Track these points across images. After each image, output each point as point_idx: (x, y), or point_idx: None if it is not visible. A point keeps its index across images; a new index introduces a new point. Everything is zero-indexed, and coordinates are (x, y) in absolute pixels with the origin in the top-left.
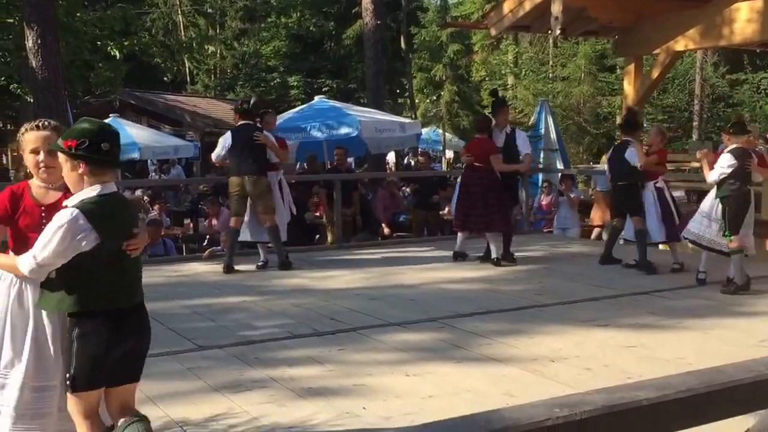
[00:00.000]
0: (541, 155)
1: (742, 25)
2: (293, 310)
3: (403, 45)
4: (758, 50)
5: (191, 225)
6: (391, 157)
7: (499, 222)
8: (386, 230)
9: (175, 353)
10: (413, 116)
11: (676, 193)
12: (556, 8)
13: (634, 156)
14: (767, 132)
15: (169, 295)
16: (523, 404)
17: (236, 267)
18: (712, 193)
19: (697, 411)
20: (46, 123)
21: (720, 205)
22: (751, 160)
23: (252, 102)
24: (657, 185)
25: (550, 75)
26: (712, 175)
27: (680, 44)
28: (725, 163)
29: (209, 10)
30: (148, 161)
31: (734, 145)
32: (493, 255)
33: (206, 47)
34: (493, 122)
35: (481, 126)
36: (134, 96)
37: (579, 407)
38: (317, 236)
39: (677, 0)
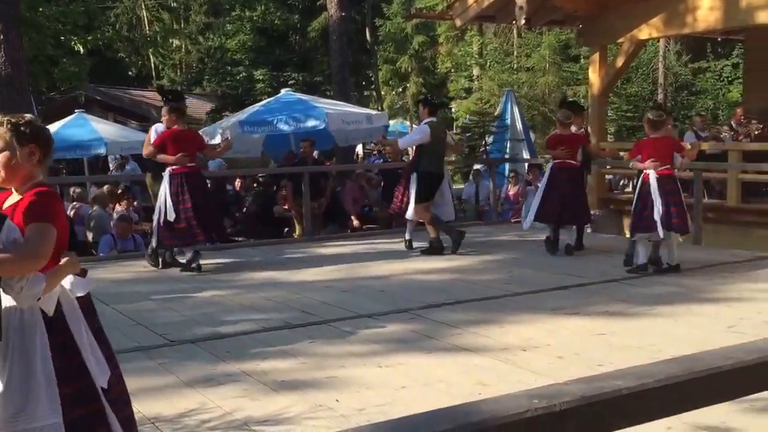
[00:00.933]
0: (508, 145)
1: (705, 12)
2: (264, 303)
3: (368, 37)
4: (719, 39)
5: None
6: (360, 149)
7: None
8: (355, 222)
9: (146, 348)
10: (380, 108)
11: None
12: None
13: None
14: (731, 119)
15: (139, 290)
16: (501, 396)
17: (206, 261)
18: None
19: (677, 399)
20: None
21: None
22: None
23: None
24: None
25: (515, 65)
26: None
27: (644, 33)
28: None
29: (173, 5)
30: (109, 157)
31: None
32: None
33: (171, 42)
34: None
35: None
36: (99, 92)
37: (558, 398)
38: (286, 229)
39: None
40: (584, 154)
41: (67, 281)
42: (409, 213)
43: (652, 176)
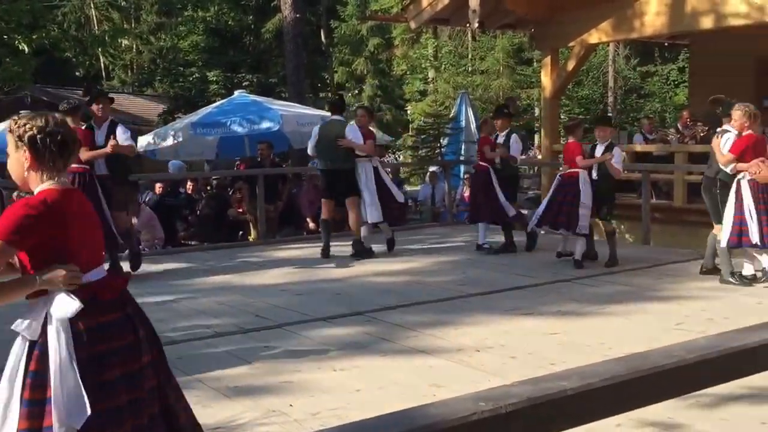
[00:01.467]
0: (462, 147)
1: (651, 17)
2: (217, 308)
3: (323, 39)
4: (666, 43)
5: None
6: None
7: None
8: (311, 225)
9: None
10: None
11: None
12: (474, 1)
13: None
14: (678, 122)
15: None
16: (448, 399)
17: (159, 266)
18: (589, 185)
19: (621, 398)
20: None
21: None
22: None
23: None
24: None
25: (470, 68)
26: (619, 167)
27: (594, 37)
28: (619, 157)
29: (123, 4)
30: None
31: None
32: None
33: (121, 41)
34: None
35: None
36: (46, 92)
37: (504, 400)
38: (241, 233)
39: None
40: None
41: (57, 301)
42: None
43: (557, 177)
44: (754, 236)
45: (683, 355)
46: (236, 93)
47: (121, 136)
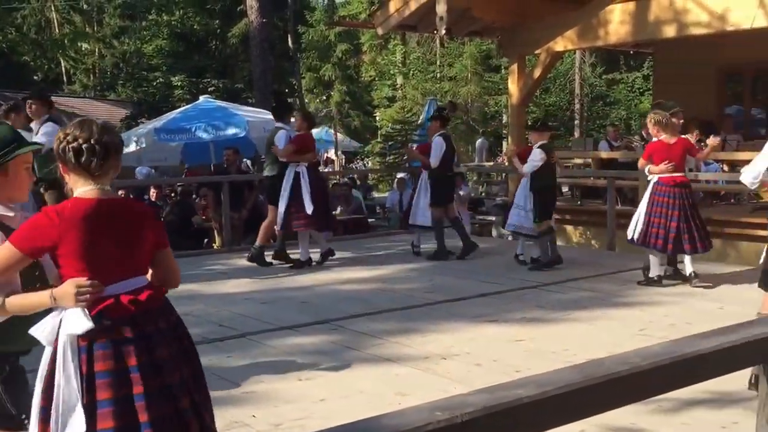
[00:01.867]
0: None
1: (616, 26)
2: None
3: (290, 44)
4: (631, 51)
5: None
6: None
7: None
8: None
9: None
10: None
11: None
12: (441, 8)
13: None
14: (642, 129)
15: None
16: (404, 408)
17: None
18: (525, 186)
19: (577, 405)
20: None
21: (532, 196)
22: (554, 155)
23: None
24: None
25: (438, 75)
26: (526, 168)
27: (560, 45)
28: (537, 157)
29: (85, 7)
30: None
31: (542, 141)
32: None
33: (82, 45)
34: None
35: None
36: (4, 96)
37: (460, 409)
38: (206, 240)
39: (556, 2)
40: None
41: (68, 315)
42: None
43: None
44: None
45: (637, 361)
46: (201, 98)
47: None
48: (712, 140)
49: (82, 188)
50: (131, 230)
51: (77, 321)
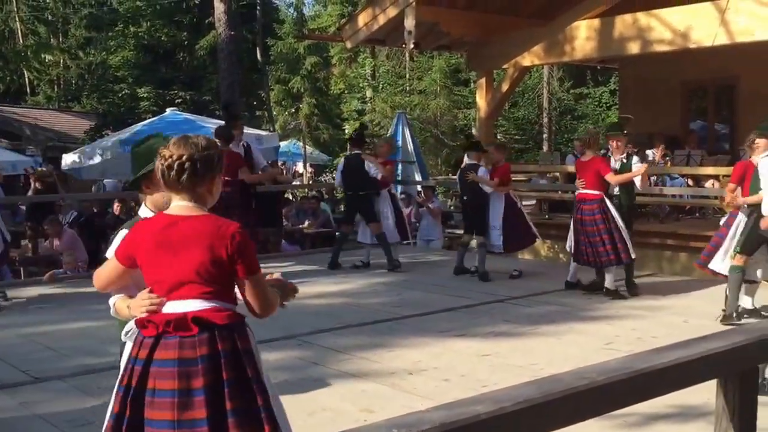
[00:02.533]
0: (399, 167)
1: (582, 42)
2: None
3: (259, 57)
4: (598, 66)
5: (30, 246)
6: None
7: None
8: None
9: (7, 387)
10: (271, 129)
11: (529, 202)
12: (409, 23)
13: (371, 167)
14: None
15: (1, 323)
16: (361, 426)
17: (81, 289)
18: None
19: (535, 421)
20: None
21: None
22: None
23: None
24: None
25: (407, 88)
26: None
27: (527, 60)
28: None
29: (50, 18)
30: None
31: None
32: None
33: (46, 56)
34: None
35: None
36: None
37: (417, 426)
38: None
39: (523, 18)
40: None
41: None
42: None
43: None
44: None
45: (594, 377)
46: (168, 111)
47: None
48: (639, 167)
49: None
50: (180, 248)
51: (129, 329)
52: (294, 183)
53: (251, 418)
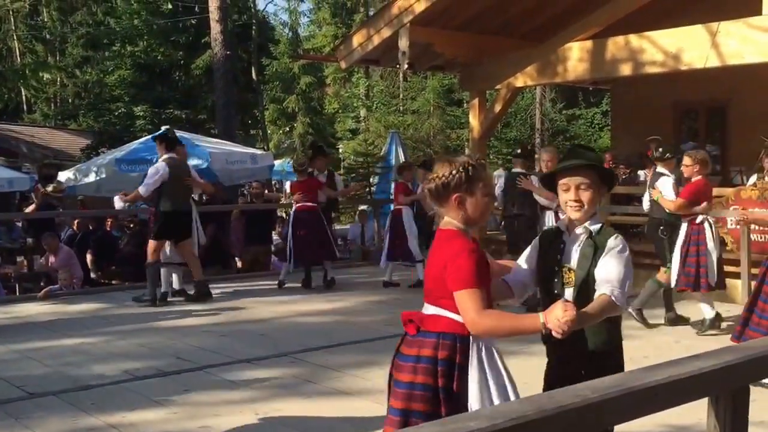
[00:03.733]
0: (392, 186)
1: (574, 63)
2: (136, 350)
3: (254, 76)
4: (590, 88)
5: (25, 263)
6: None
7: None
8: (239, 263)
9: (2, 403)
10: (266, 148)
11: None
12: (403, 43)
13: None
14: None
15: None
16: None
17: (76, 306)
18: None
19: None
20: None
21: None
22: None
23: None
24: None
25: (401, 108)
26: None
27: (520, 80)
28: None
29: (48, 37)
30: None
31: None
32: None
33: (44, 75)
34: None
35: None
36: None
37: None
38: None
39: (516, 39)
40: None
41: None
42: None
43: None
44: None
45: (588, 394)
46: (163, 129)
47: None
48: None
49: None
50: (438, 262)
51: None
52: (282, 201)
53: None
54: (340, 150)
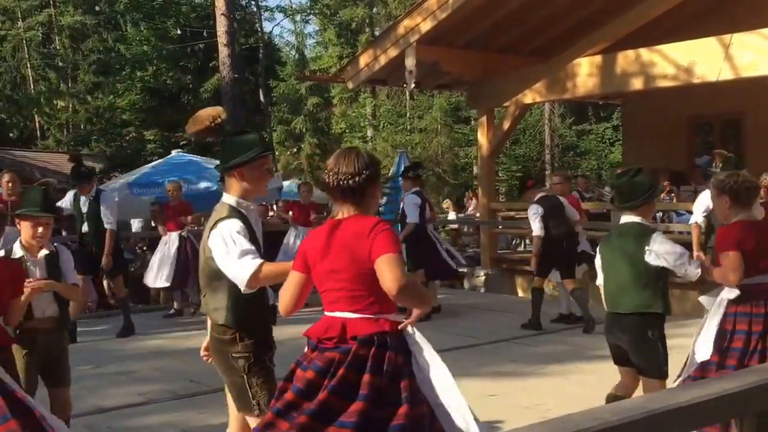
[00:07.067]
0: (401, 206)
1: (583, 78)
2: (151, 374)
3: (262, 98)
4: (601, 102)
5: None
6: None
7: None
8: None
9: None
10: (275, 169)
11: None
12: (410, 62)
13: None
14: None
15: None
16: None
17: (90, 329)
18: None
19: None
20: None
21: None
22: None
23: None
24: None
25: (408, 127)
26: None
27: (528, 97)
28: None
29: (60, 64)
30: None
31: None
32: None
33: (57, 102)
34: None
35: None
36: None
37: None
38: None
39: (523, 56)
40: None
41: None
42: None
43: None
44: None
45: (608, 417)
46: (173, 152)
47: None
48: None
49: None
50: None
51: None
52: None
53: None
54: None
